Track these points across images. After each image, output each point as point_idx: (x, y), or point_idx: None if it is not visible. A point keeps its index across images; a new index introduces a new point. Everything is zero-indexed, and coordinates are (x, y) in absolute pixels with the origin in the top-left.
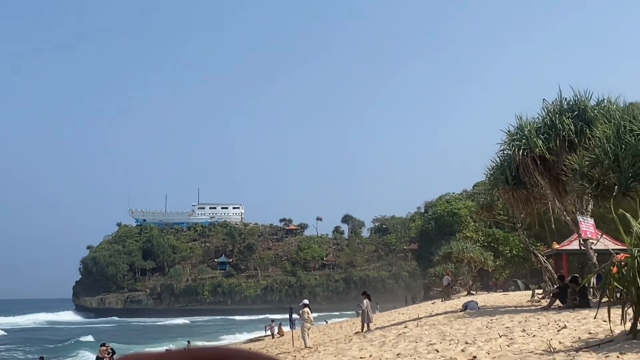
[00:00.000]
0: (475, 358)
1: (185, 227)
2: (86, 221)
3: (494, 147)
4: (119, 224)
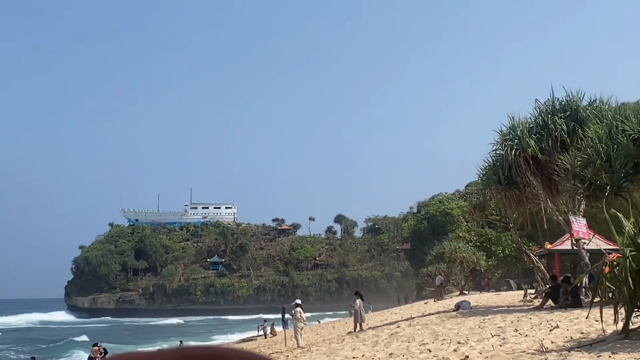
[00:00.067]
0: (468, 358)
1: (177, 227)
2: (78, 221)
3: (486, 147)
4: (111, 224)
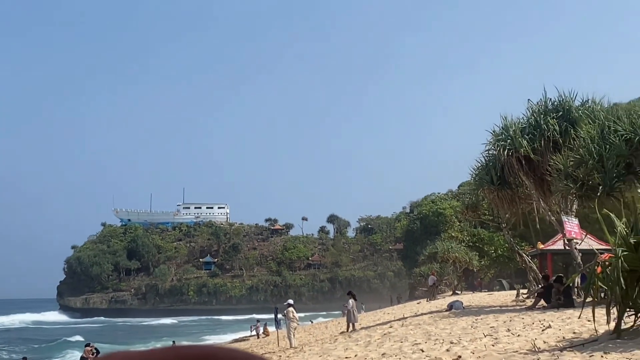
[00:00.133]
0: (460, 358)
1: (170, 227)
2: (71, 221)
3: (479, 147)
4: (103, 224)
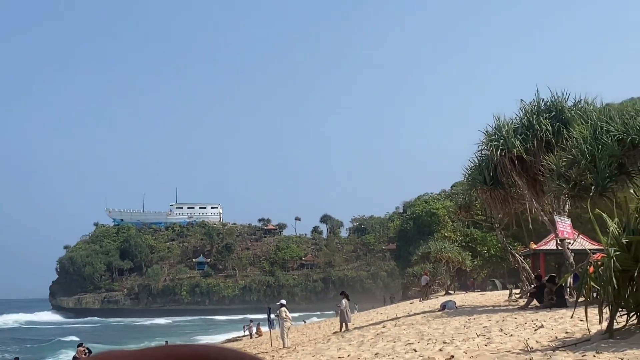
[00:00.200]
0: (453, 357)
1: (163, 227)
2: (63, 221)
3: (472, 147)
4: (96, 224)
